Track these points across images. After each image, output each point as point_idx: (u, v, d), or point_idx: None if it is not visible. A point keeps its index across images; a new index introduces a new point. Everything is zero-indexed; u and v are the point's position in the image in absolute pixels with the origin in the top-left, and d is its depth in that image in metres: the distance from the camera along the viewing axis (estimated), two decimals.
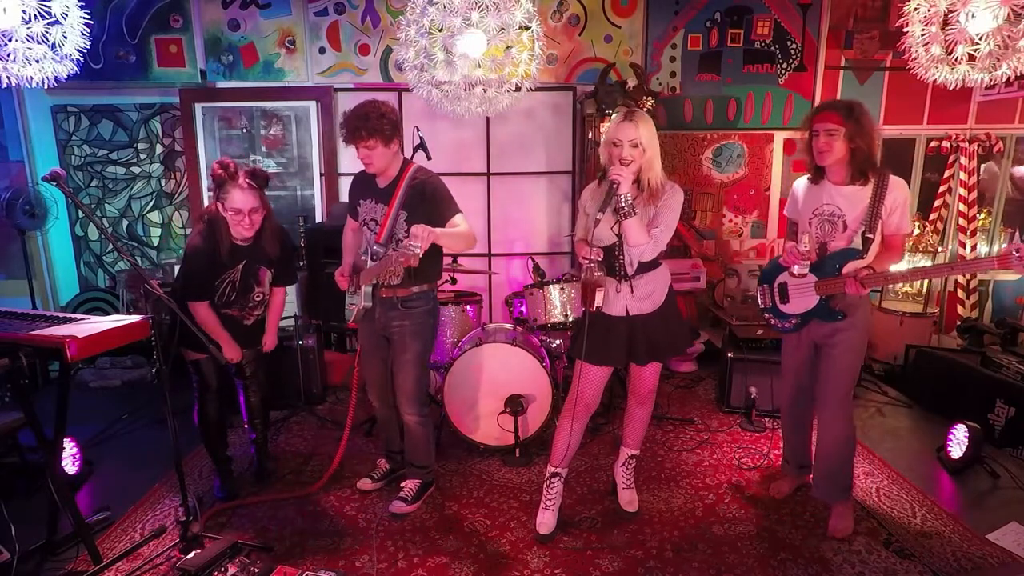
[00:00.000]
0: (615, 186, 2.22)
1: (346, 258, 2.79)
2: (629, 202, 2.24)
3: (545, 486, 2.61)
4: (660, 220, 2.31)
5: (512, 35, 2.85)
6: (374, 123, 2.39)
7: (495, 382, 3.14)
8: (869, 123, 2.34)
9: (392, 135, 2.46)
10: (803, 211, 2.53)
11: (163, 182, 4.58)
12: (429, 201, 2.50)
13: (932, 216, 4.77)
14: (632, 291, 2.39)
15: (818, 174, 2.48)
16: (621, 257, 2.37)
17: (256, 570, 2.16)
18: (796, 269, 2.41)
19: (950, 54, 2.59)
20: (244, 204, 2.54)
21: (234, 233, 2.61)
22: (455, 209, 2.53)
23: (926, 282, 4.59)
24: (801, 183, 2.61)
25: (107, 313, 4.28)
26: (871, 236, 2.35)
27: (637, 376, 2.57)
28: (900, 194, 2.35)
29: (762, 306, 2.72)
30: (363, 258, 2.59)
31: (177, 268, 4.46)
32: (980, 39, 2.44)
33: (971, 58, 2.54)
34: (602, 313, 2.42)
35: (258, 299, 2.78)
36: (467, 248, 2.55)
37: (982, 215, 4.81)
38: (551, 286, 3.38)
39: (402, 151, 2.61)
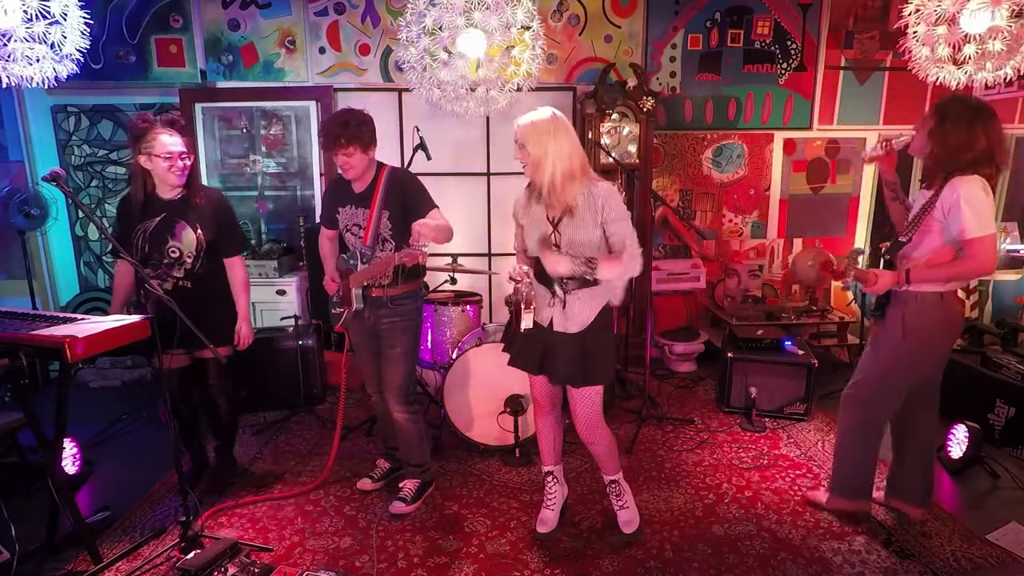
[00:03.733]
0: (556, 279, 2.18)
1: (328, 264, 2.83)
2: (584, 272, 2.13)
3: (544, 486, 2.63)
4: (618, 231, 2.17)
5: (513, 34, 2.85)
6: (353, 130, 2.46)
7: (495, 382, 3.14)
8: (955, 131, 2.13)
9: (370, 142, 2.54)
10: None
11: None
12: (410, 197, 2.59)
13: None
14: (564, 307, 2.26)
15: None
16: (544, 243, 2.23)
17: (256, 570, 2.17)
18: (868, 151, 2.50)
19: (956, 55, 2.60)
20: (174, 146, 2.54)
21: (166, 183, 2.61)
22: (432, 205, 2.61)
23: None
24: None
25: (107, 313, 4.27)
26: (902, 239, 2.29)
27: (569, 402, 2.40)
28: (955, 191, 2.11)
29: None
30: (352, 262, 2.62)
31: None
32: (990, 39, 2.45)
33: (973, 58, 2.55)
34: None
35: (174, 255, 2.65)
36: (448, 240, 2.57)
37: None
38: None
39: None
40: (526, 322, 2.23)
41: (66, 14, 2.45)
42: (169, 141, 2.54)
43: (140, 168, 2.59)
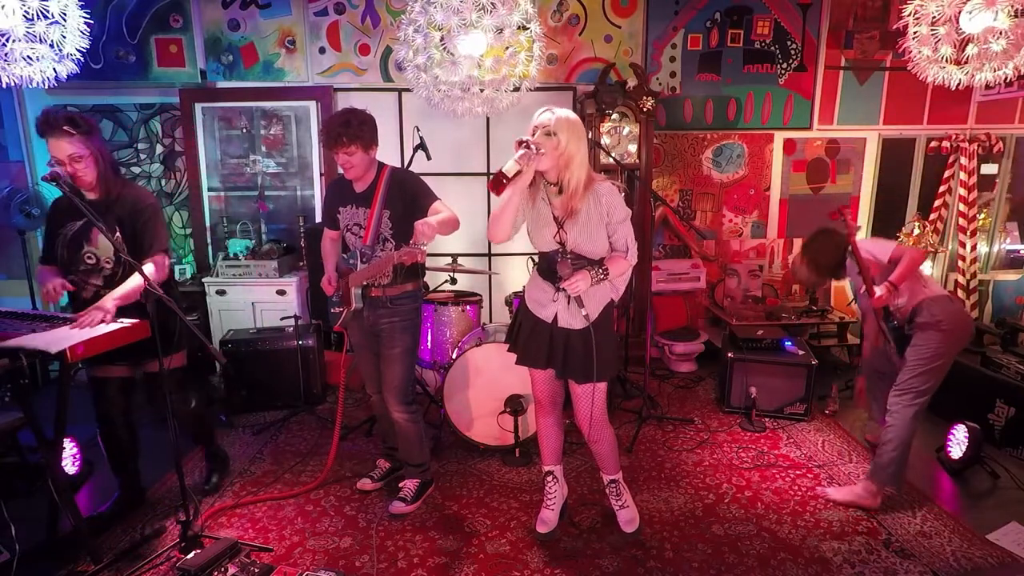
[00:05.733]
0: (575, 297, 2.22)
1: (328, 265, 2.82)
2: (600, 275, 2.20)
3: (544, 486, 2.63)
4: (621, 233, 2.25)
5: (510, 35, 2.85)
6: (355, 130, 2.46)
7: (495, 382, 3.14)
8: (822, 255, 3.01)
9: (371, 141, 2.54)
10: None
11: (163, 182, 4.57)
12: (410, 195, 2.59)
13: (932, 216, 4.78)
14: (568, 303, 2.28)
15: None
16: (563, 265, 2.24)
17: (256, 570, 2.16)
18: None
19: (959, 55, 2.61)
20: (59, 151, 2.30)
21: (80, 186, 2.40)
22: (433, 197, 2.61)
23: None
24: None
25: None
26: (873, 279, 2.86)
27: (573, 400, 2.42)
28: (860, 248, 2.83)
29: None
30: (352, 262, 2.62)
31: (176, 269, 4.47)
32: (992, 38, 2.45)
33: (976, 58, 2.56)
34: (531, 313, 2.37)
35: (90, 263, 2.44)
36: (455, 230, 2.57)
37: (982, 215, 4.81)
38: None
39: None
40: (509, 166, 2.03)
41: (66, 14, 2.45)
42: (54, 147, 2.30)
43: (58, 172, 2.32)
